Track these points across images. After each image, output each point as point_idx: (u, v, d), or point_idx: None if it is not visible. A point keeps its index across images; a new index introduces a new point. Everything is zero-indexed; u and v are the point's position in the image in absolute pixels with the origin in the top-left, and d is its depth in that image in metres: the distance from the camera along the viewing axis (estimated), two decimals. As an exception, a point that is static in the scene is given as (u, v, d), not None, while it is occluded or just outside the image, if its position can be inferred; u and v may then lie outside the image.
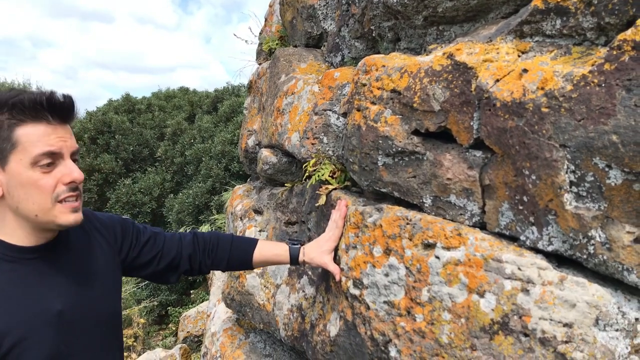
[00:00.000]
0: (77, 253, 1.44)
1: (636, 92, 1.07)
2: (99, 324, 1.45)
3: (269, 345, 2.79)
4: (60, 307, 1.33)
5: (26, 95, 1.26)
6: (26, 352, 1.24)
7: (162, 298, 10.68)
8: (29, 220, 1.30)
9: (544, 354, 1.19)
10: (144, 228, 1.73)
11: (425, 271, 1.44)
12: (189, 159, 11.74)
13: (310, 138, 2.12)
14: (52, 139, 1.27)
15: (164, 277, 1.77)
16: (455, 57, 1.47)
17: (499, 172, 1.39)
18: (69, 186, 1.30)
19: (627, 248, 1.15)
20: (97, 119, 12.52)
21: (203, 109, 13.40)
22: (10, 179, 1.25)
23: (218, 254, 1.80)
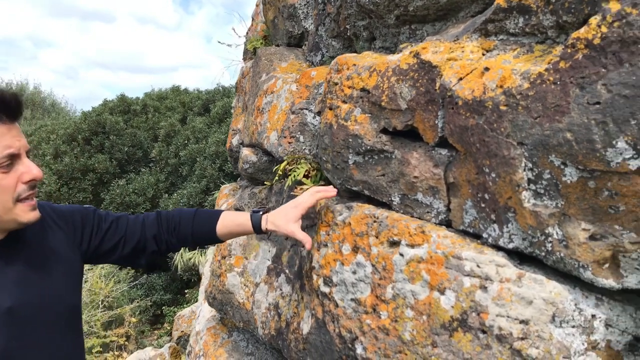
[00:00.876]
0: (30, 249, 1.44)
1: (589, 90, 1.08)
2: (55, 317, 1.45)
3: (252, 344, 2.80)
4: (9, 303, 1.33)
5: None
6: None
7: (157, 298, 10.68)
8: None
9: (501, 350, 1.20)
10: (106, 214, 1.72)
11: (390, 268, 1.45)
12: (184, 160, 11.75)
13: (287, 137, 2.13)
14: (8, 139, 1.29)
15: (133, 261, 1.77)
16: (421, 56, 1.48)
17: (462, 170, 1.40)
18: (29, 184, 1.33)
19: (583, 245, 1.16)
20: (91, 120, 12.51)
21: (194, 111, 13.39)
22: None
23: (181, 230, 1.76)
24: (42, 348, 1.40)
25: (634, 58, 1.01)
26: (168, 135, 12.50)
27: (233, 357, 2.69)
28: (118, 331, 6.06)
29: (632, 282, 1.13)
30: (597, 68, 1.07)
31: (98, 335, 5.90)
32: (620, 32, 1.03)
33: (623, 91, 1.03)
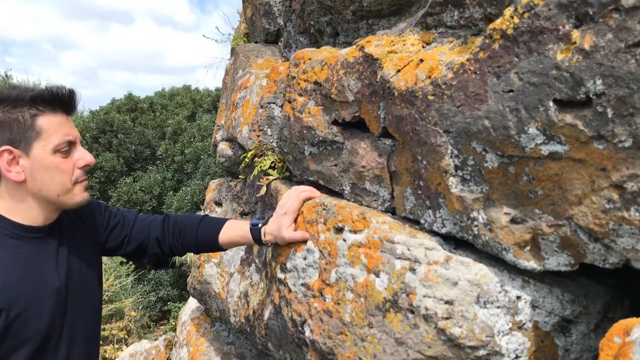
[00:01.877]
0: (69, 236, 1.58)
1: (504, 79, 1.13)
2: (86, 303, 1.59)
3: (232, 334, 2.86)
4: (58, 283, 1.47)
5: (44, 90, 1.43)
6: (28, 322, 1.38)
7: (164, 293, 10.81)
8: (48, 200, 1.45)
9: (427, 329, 1.25)
10: (116, 212, 1.82)
11: (334, 254, 1.50)
12: (189, 157, 11.88)
13: (256, 130, 2.19)
14: (68, 128, 1.45)
15: (136, 259, 1.89)
16: (365, 49, 1.53)
17: (402, 159, 1.45)
18: (83, 169, 1.48)
19: (505, 228, 1.20)
20: (99, 118, 12.67)
21: (204, 108, 13.52)
22: (34, 164, 1.40)
23: (186, 237, 1.84)
24: (76, 327, 1.54)
25: (541, 47, 1.06)
26: (175, 133, 12.64)
27: (214, 346, 2.76)
28: (118, 325, 6.18)
29: (552, 264, 1.18)
30: (510, 57, 1.12)
31: (97, 329, 6.03)
32: (529, 22, 1.08)
33: (532, 79, 1.07)
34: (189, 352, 2.82)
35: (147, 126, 12.90)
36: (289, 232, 1.66)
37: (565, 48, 1.01)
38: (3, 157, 1.38)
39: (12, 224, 1.44)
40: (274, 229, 1.70)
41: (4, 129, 1.38)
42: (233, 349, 2.71)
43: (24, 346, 1.38)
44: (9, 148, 1.38)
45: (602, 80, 0.95)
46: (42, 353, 1.43)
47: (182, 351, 2.95)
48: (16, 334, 1.36)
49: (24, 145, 1.39)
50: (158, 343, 4.63)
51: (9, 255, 1.40)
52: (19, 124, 1.38)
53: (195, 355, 2.75)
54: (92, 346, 1.64)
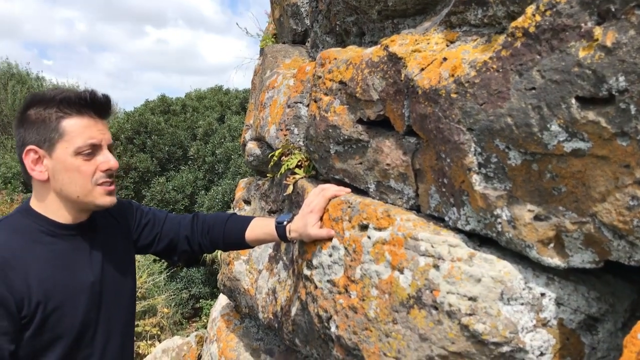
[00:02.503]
0: (103, 234, 1.63)
1: (526, 76, 1.13)
2: (121, 298, 1.65)
3: (262, 330, 2.90)
4: (92, 278, 1.53)
5: (73, 93, 1.48)
6: (65, 316, 1.44)
7: (196, 291, 10.95)
8: (70, 201, 1.49)
9: (451, 325, 1.26)
10: (148, 211, 1.88)
11: (359, 251, 1.52)
12: (220, 157, 12.01)
13: (283, 129, 2.22)
14: (93, 131, 1.48)
15: (167, 257, 1.95)
16: (389, 48, 1.55)
17: (426, 157, 1.46)
18: (106, 173, 1.50)
19: (528, 225, 1.21)
20: (134, 120, 12.89)
21: (232, 109, 13.65)
22: (56, 165, 1.45)
23: (214, 235, 1.90)
24: (111, 321, 1.59)
25: (563, 45, 1.06)
26: (206, 134, 12.79)
27: (243, 342, 2.81)
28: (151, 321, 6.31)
29: (577, 261, 1.18)
30: (532, 55, 1.12)
31: (131, 325, 6.17)
32: (551, 20, 1.08)
33: (554, 76, 1.08)
34: (219, 348, 2.87)
35: (179, 127, 13.08)
36: (315, 230, 1.68)
37: (587, 45, 1.01)
38: (29, 156, 1.44)
39: (47, 221, 1.49)
40: (299, 227, 1.73)
41: (33, 129, 1.44)
42: (262, 345, 2.75)
43: (61, 340, 1.43)
44: (34, 148, 1.44)
45: (624, 77, 0.95)
46: (78, 347, 1.48)
47: (213, 347, 3.01)
48: (53, 327, 1.41)
49: (47, 145, 1.44)
50: (190, 339, 4.70)
51: (46, 252, 1.46)
52: (45, 125, 1.44)
53: (225, 350, 2.79)
54: (127, 340, 1.69)
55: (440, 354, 1.28)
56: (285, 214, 1.86)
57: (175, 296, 9.24)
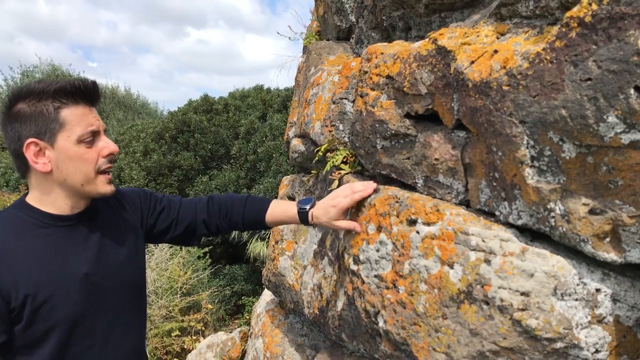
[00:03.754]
0: (102, 224, 1.64)
1: (581, 67, 1.11)
2: (122, 288, 1.64)
3: (306, 326, 2.92)
4: (86, 270, 1.52)
5: (66, 82, 1.48)
6: (55, 308, 1.44)
7: (238, 288, 11.07)
8: (74, 190, 1.51)
9: (502, 321, 1.25)
10: (162, 197, 1.91)
11: (407, 245, 1.52)
12: (261, 156, 12.09)
13: (328, 126, 2.23)
14: (90, 118, 1.50)
15: (184, 241, 1.96)
16: (438, 42, 1.53)
17: (476, 151, 1.45)
18: (107, 158, 1.53)
19: (583, 219, 1.18)
20: (177, 119, 13.12)
21: (274, 108, 13.73)
22: (59, 155, 1.46)
23: (233, 216, 1.93)
24: (109, 312, 1.59)
25: (621, 34, 1.03)
26: (248, 133, 12.88)
27: (288, 337, 2.83)
28: (195, 317, 6.42)
29: (634, 257, 1.15)
30: (588, 45, 1.10)
31: (176, 320, 6.29)
32: (609, 8, 1.05)
33: (611, 66, 1.05)
34: (264, 343, 2.90)
35: (221, 126, 13.23)
36: (338, 222, 1.78)
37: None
38: (30, 149, 1.45)
39: (41, 214, 1.51)
40: (320, 214, 1.81)
41: (29, 122, 1.45)
42: (307, 340, 2.77)
43: (55, 330, 1.44)
44: (35, 140, 1.44)
45: (687, 65, 0.92)
46: (75, 338, 1.49)
47: (258, 342, 3.04)
48: (45, 318, 1.43)
49: (48, 136, 1.45)
50: (234, 335, 4.78)
51: (36, 244, 1.47)
52: (43, 117, 1.44)
53: (270, 346, 2.82)
54: (134, 331, 1.69)
55: (492, 349, 1.27)
56: (307, 198, 1.92)
57: (219, 293, 9.37)
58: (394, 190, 1.67)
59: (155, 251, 7.60)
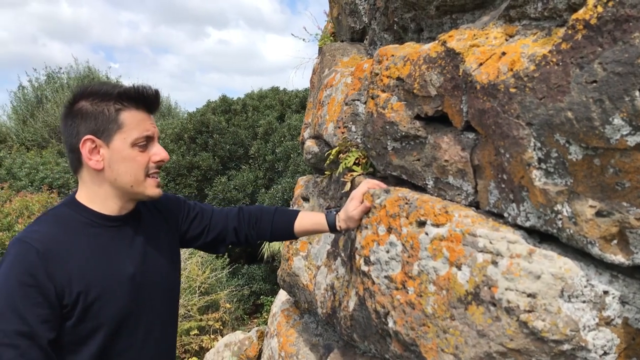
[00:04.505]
0: (145, 227, 1.69)
1: (587, 69, 1.11)
2: (162, 290, 1.69)
3: (321, 326, 2.94)
4: (132, 270, 1.57)
5: (131, 87, 1.54)
6: (105, 306, 1.49)
7: (257, 287, 11.13)
8: (123, 190, 1.56)
9: (509, 322, 1.25)
10: (194, 204, 1.96)
11: (416, 247, 1.53)
12: (279, 156, 12.14)
13: (341, 127, 2.24)
14: (147, 124, 1.56)
15: (213, 248, 2.00)
16: (447, 44, 1.54)
17: (484, 153, 1.45)
18: (157, 164, 1.58)
19: (590, 221, 1.18)
20: (196, 120, 13.23)
21: (292, 109, 13.79)
22: (113, 154, 1.51)
23: (262, 226, 1.98)
24: (153, 312, 1.64)
25: (626, 36, 1.03)
26: (266, 133, 12.95)
27: (302, 337, 2.85)
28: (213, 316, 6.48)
29: (642, 259, 1.15)
30: (594, 47, 1.10)
31: (195, 319, 6.37)
32: (614, 11, 1.06)
33: (616, 69, 1.05)
34: (279, 342, 2.93)
35: (240, 127, 13.31)
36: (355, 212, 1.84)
37: (652, 35, 0.98)
38: (86, 146, 1.49)
39: (91, 213, 1.55)
40: (343, 214, 1.89)
41: (89, 119, 1.50)
42: (321, 340, 2.79)
43: (102, 328, 1.48)
44: (91, 137, 1.49)
45: (691, 68, 0.92)
46: (120, 336, 1.53)
47: (273, 341, 3.07)
48: (95, 316, 1.46)
49: (105, 135, 1.50)
50: (251, 334, 4.82)
51: (88, 243, 1.51)
52: (103, 116, 1.49)
53: (285, 345, 2.85)
54: (169, 331, 1.73)
55: (499, 351, 1.28)
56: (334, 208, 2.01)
57: (237, 292, 9.44)
58: (404, 192, 1.68)
59: (174, 251, 7.66)
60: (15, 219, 6.74)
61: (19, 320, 1.35)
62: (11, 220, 6.66)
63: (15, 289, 1.37)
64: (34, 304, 1.37)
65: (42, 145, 17.67)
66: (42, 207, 7.81)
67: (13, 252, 1.42)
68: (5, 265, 1.40)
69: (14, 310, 1.36)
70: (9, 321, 1.35)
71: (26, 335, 1.35)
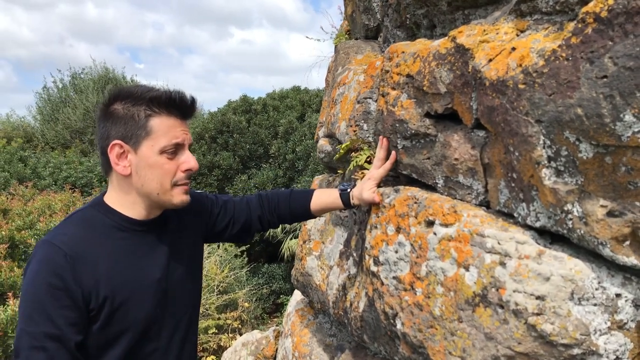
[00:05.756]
0: (171, 231, 1.67)
1: (597, 64, 1.07)
2: (185, 295, 1.67)
3: (335, 326, 2.92)
4: (159, 276, 1.56)
5: (162, 92, 1.51)
6: (131, 311, 1.48)
7: (277, 286, 11.14)
8: (149, 197, 1.53)
9: (517, 325, 1.22)
10: (216, 198, 1.94)
11: (425, 247, 1.50)
12: (299, 155, 12.15)
13: (353, 125, 2.22)
14: (178, 131, 1.51)
15: (239, 238, 2.00)
16: (456, 40, 1.51)
17: (494, 151, 1.42)
18: (186, 173, 1.54)
19: (601, 222, 1.14)
20: (217, 120, 13.30)
21: (313, 108, 13.78)
22: (140, 161, 1.49)
23: (281, 210, 1.98)
24: (176, 316, 1.63)
25: (638, 29, 1.00)
26: (287, 132, 12.96)
27: (316, 337, 2.83)
28: (232, 315, 6.49)
29: (656, 261, 1.10)
30: (604, 41, 1.06)
31: (213, 318, 6.38)
32: (625, 3, 1.02)
33: (628, 63, 1.01)
34: (292, 342, 2.92)
35: (261, 126, 13.34)
36: (368, 194, 1.83)
37: (663, 28, 0.94)
38: (114, 150, 1.48)
39: (120, 217, 1.53)
40: (358, 191, 1.89)
41: (120, 123, 1.47)
42: (335, 340, 2.76)
43: (128, 332, 1.48)
44: (119, 142, 1.47)
45: None
46: (145, 339, 1.52)
47: (287, 341, 3.06)
48: (121, 320, 1.46)
49: (133, 141, 1.47)
50: (268, 333, 4.81)
51: (115, 247, 1.50)
52: (133, 121, 1.47)
53: (298, 345, 2.83)
54: (191, 336, 1.72)
55: (506, 354, 1.24)
56: (347, 182, 2.01)
57: (257, 291, 9.46)
58: (413, 191, 1.65)
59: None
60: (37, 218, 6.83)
61: (48, 322, 1.35)
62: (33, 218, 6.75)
63: (43, 292, 1.37)
64: (62, 306, 1.37)
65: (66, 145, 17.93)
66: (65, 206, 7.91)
67: (40, 254, 1.41)
68: (33, 267, 1.40)
69: (42, 312, 1.35)
70: (38, 324, 1.35)
71: (54, 338, 1.35)
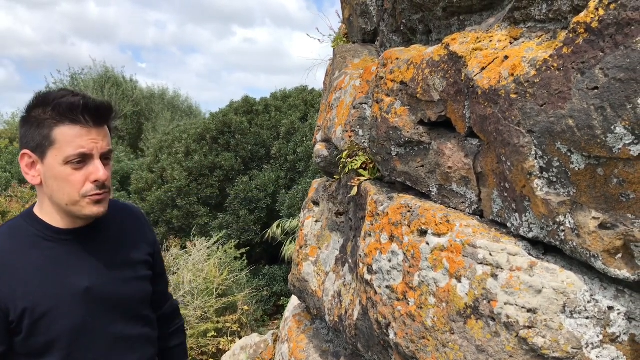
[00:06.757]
0: (108, 240, 1.62)
1: (588, 75, 1.06)
2: (124, 303, 1.61)
3: (332, 332, 2.90)
4: (87, 284, 1.51)
5: (66, 99, 1.43)
6: (55, 321, 1.45)
7: (277, 288, 11.14)
8: (60, 207, 1.49)
9: (508, 338, 1.20)
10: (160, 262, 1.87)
11: (417, 257, 1.48)
12: (301, 156, 12.14)
13: (348, 131, 2.20)
14: (85, 140, 1.43)
15: None
16: (450, 47, 1.49)
17: (487, 160, 1.40)
18: (95, 184, 1.46)
19: (593, 234, 1.13)
20: (218, 120, 13.29)
21: (316, 108, 13.77)
22: (47, 171, 1.45)
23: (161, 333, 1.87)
24: (109, 327, 1.57)
25: (628, 40, 0.98)
26: (288, 133, 12.95)
27: (313, 343, 2.82)
28: (231, 318, 6.48)
29: (648, 274, 1.09)
30: (595, 52, 1.05)
31: (212, 321, 6.38)
32: (615, 14, 1.00)
33: (618, 75, 1.00)
34: (289, 348, 2.90)
35: (262, 127, 13.33)
36: None
37: (654, 40, 0.93)
38: (24, 160, 1.46)
39: (45, 226, 1.50)
40: None
41: (32, 132, 1.44)
42: (332, 347, 2.75)
43: (56, 343, 1.45)
44: (28, 152, 1.44)
45: (695, 74, 0.86)
46: (79, 350, 1.49)
47: (284, 347, 3.04)
48: (45, 331, 1.43)
49: (40, 152, 1.43)
50: (267, 337, 4.80)
51: (39, 256, 1.46)
52: (41, 130, 1.42)
53: (295, 351, 2.82)
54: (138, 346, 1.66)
55: (498, 368, 1.23)
56: None
57: (257, 293, 9.45)
58: (407, 199, 1.63)
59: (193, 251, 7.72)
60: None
61: None
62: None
63: None
64: None
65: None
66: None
67: None
68: None
69: None
70: None
71: None
